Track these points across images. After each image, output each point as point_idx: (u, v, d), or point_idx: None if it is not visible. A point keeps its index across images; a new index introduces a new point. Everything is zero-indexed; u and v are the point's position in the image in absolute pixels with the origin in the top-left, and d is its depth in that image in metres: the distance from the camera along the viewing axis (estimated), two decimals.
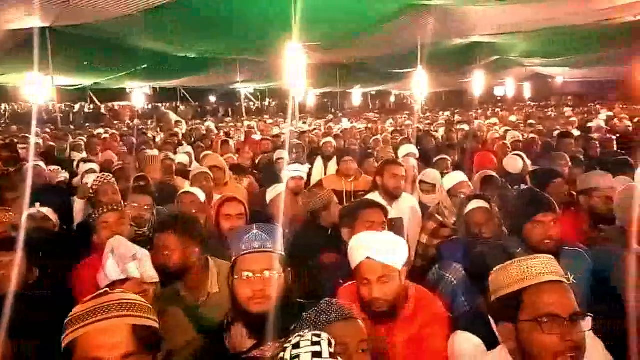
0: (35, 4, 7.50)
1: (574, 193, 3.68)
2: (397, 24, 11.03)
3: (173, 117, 14.27)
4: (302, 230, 3.66)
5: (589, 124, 10.27)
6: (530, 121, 12.10)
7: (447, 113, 19.68)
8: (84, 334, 1.29)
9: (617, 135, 7.86)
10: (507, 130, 8.94)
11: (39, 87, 10.79)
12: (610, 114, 13.89)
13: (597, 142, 6.64)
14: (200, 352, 1.92)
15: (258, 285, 1.79)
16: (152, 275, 2.15)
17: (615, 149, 6.62)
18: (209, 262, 2.58)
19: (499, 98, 28.68)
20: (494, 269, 1.72)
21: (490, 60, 17.35)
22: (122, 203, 3.14)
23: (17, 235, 2.72)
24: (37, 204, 3.59)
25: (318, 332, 1.47)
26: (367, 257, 2.03)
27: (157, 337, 1.38)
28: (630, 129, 9.43)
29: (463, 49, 15.21)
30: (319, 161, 6.85)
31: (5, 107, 22.06)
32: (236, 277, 1.84)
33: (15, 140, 9.73)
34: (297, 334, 1.47)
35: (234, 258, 1.89)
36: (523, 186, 4.11)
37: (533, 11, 10.32)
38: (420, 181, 4.45)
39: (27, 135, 9.93)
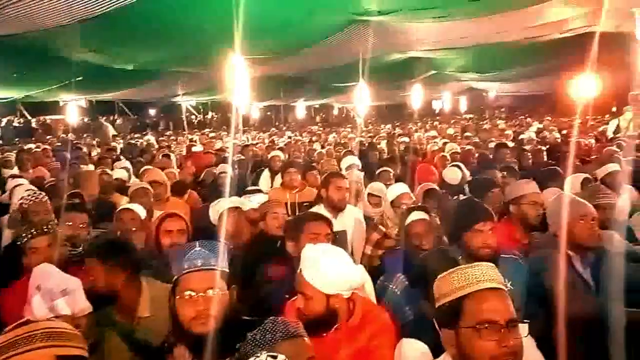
0: None
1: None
2: (340, 37, 11.21)
3: (110, 130, 13.75)
4: (250, 243, 3.61)
5: (521, 136, 10.81)
6: (466, 133, 12.60)
7: (389, 126, 20.14)
8: None
9: (547, 146, 8.31)
10: (445, 143, 9.26)
11: None
12: (540, 126, 14.71)
13: (529, 154, 6.99)
14: None
15: (201, 305, 1.74)
16: (83, 307, 2.02)
17: (545, 159, 6.98)
18: (141, 285, 2.48)
19: (436, 111, 29.71)
20: (438, 276, 1.76)
21: (428, 75, 17.96)
22: (55, 222, 2.96)
23: None
24: None
25: (274, 354, 1.45)
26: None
27: None
28: (559, 140, 10.00)
29: (402, 64, 15.64)
30: (265, 174, 6.81)
31: None
32: (178, 297, 1.78)
33: None
34: (253, 356, 1.45)
35: (175, 277, 1.83)
36: (462, 196, 4.27)
37: (467, 28, 10.80)
38: (368, 194, 4.50)
39: None
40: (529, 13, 9.32)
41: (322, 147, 10.71)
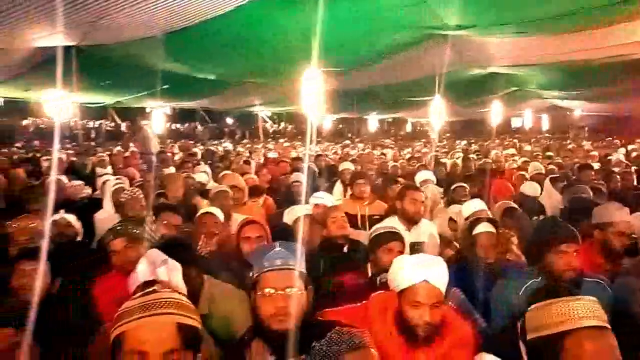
0: (63, 23, 7.73)
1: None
2: (415, 52, 11.14)
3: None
4: (317, 250, 3.66)
5: (609, 157, 10.19)
6: (548, 153, 12.05)
7: (464, 142, 19.67)
8: (132, 328, 1.33)
9: (637, 169, 7.79)
10: (525, 161, 8.91)
11: (61, 104, 11.04)
12: (630, 147, 13.78)
13: (617, 176, 6.59)
14: None
15: (280, 302, 1.80)
16: (179, 285, 2.14)
17: (635, 183, 6.55)
18: (203, 283, 2.54)
19: (515, 129, 28.62)
20: (533, 306, 1.68)
21: (508, 92, 17.38)
22: (151, 219, 3.16)
23: (40, 245, 2.76)
24: (62, 211, 3.66)
25: None
26: (425, 280, 1.98)
27: (199, 337, 1.42)
28: None
29: (481, 79, 15.27)
30: (338, 185, 6.88)
31: (29, 122, 22.54)
32: (259, 293, 1.85)
33: (38, 155, 9.94)
34: None
35: (256, 275, 1.90)
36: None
37: (551, 44, 10.38)
38: (450, 218, 4.42)
39: (49, 149, 10.12)
40: (615, 30, 8.81)
41: (395, 160, 10.66)
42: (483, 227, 3.10)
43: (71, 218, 3.69)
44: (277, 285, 1.82)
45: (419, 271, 2.00)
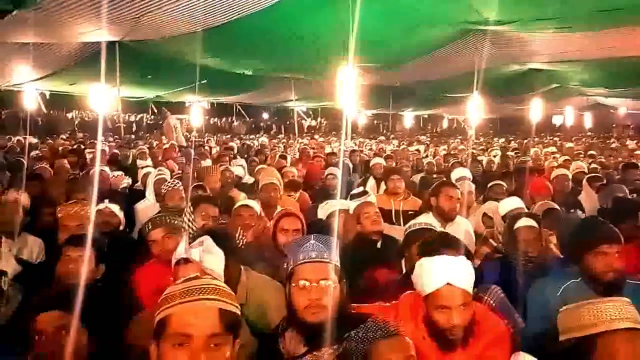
0: (107, 19, 7.98)
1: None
2: (453, 48, 10.98)
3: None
4: (351, 245, 3.67)
5: None
6: (590, 152, 11.69)
7: (502, 140, 19.27)
8: (177, 312, 1.39)
9: None
10: (566, 160, 8.67)
11: (105, 98, 11.39)
12: None
13: None
14: (257, 353, 1.98)
15: (314, 294, 1.83)
16: (214, 269, 2.18)
17: None
18: (240, 273, 2.57)
19: (556, 127, 27.82)
20: (565, 307, 1.66)
21: (549, 88, 16.91)
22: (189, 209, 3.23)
23: (86, 232, 2.88)
24: (107, 200, 3.80)
25: None
26: (448, 283, 1.93)
27: (239, 323, 1.47)
28: None
29: (520, 76, 14.91)
30: (370, 181, 6.87)
31: (74, 115, 23.35)
32: (293, 285, 1.89)
33: (82, 146, 10.30)
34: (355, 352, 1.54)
35: (291, 267, 1.93)
36: (580, 212, 3.98)
37: (595, 40, 10.03)
38: (484, 214, 4.36)
39: (93, 141, 10.46)
40: None
41: (434, 156, 10.55)
42: (524, 222, 3.04)
43: (115, 208, 3.82)
44: (311, 277, 1.85)
45: (441, 275, 1.94)
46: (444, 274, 1.94)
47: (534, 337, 2.26)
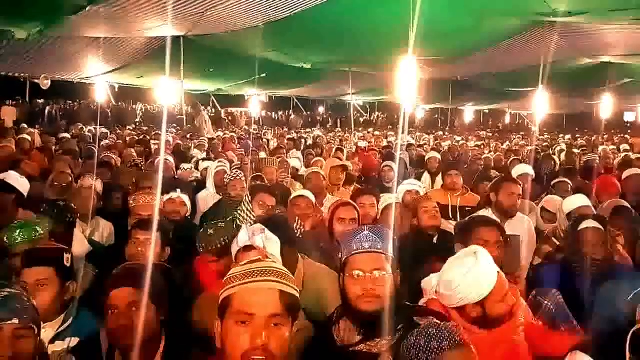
0: (173, 15, 8.27)
1: None
2: (518, 40, 10.58)
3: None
4: (407, 237, 3.66)
5: None
6: None
7: (568, 136, 18.41)
8: (240, 291, 1.47)
9: None
10: (638, 158, 8.18)
11: (170, 91, 11.82)
12: None
13: None
14: (312, 339, 2.02)
15: (368, 284, 1.85)
16: (275, 255, 2.23)
17: None
18: (297, 261, 2.61)
19: (628, 124, 26.24)
20: None
21: (621, 83, 15.96)
22: (248, 198, 3.33)
23: (153, 218, 3.04)
24: (178, 190, 4.00)
25: None
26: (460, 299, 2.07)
27: (298, 305, 1.54)
28: None
29: (590, 70, 14.15)
30: (425, 176, 6.80)
31: (140, 107, 24.40)
32: (347, 275, 1.91)
33: (148, 137, 10.78)
34: None
35: (345, 257, 1.95)
36: None
37: None
38: (542, 208, 4.23)
39: (158, 132, 10.91)
40: None
41: (495, 152, 10.26)
42: (589, 223, 2.91)
43: (185, 198, 4.05)
44: (365, 267, 1.87)
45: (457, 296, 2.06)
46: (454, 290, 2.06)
47: (598, 340, 2.19)
